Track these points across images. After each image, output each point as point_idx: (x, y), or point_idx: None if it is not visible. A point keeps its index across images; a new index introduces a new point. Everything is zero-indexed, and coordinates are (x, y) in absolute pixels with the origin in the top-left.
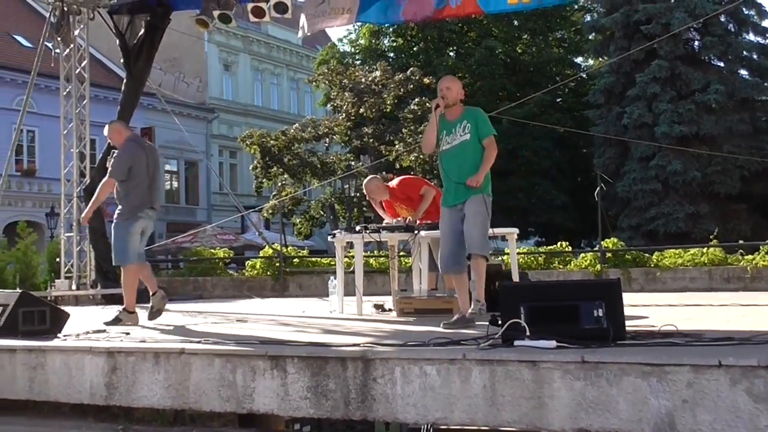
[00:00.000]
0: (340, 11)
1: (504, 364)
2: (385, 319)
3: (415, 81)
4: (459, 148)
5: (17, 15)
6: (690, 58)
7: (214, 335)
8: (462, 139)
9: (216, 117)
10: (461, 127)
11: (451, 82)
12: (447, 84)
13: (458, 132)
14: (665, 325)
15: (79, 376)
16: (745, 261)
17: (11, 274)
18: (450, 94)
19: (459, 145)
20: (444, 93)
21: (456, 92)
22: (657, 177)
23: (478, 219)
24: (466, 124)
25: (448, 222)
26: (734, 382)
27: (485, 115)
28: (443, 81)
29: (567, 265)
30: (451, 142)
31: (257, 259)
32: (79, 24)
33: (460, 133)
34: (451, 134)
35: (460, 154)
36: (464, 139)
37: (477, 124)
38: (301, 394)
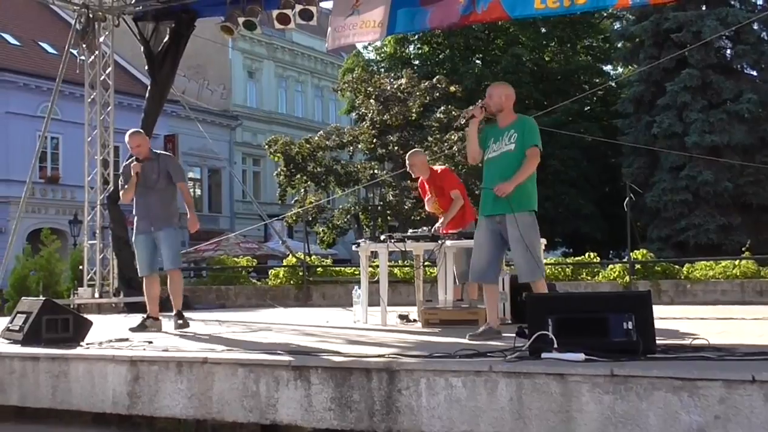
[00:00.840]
0: (371, 24)
1: (531, 377)
2: (410, 329)
3: (441, 89)
4: (502, 157)
5: (42, 22)
6: (722, 67)
7: (237, 344)
8: (506, 148)
9: (240, 124)
10: (508, 136)
11: (495, 88)
12: (488, 91)
13: (504, 141)
14: (696, 338)
15: (102, 384)
16: None
17: (35, 282)
18: (490, 101)
19: (503, 154)
20: (486, 101)
21: (498, 98)
22: (687, 187)
23: (519, 247)
24: (513, 134)
25: (484, 231)
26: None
27: (535, 125)
28: (489, 88)
29: (595, 277)
30: (497, 151)
31: (280, 267)
32: (104, 31)
33: (506, 143)
34: (498, 142)
35: (503, 164)
36: (508, 149)
37: (523, 134)
38: (325, 405)
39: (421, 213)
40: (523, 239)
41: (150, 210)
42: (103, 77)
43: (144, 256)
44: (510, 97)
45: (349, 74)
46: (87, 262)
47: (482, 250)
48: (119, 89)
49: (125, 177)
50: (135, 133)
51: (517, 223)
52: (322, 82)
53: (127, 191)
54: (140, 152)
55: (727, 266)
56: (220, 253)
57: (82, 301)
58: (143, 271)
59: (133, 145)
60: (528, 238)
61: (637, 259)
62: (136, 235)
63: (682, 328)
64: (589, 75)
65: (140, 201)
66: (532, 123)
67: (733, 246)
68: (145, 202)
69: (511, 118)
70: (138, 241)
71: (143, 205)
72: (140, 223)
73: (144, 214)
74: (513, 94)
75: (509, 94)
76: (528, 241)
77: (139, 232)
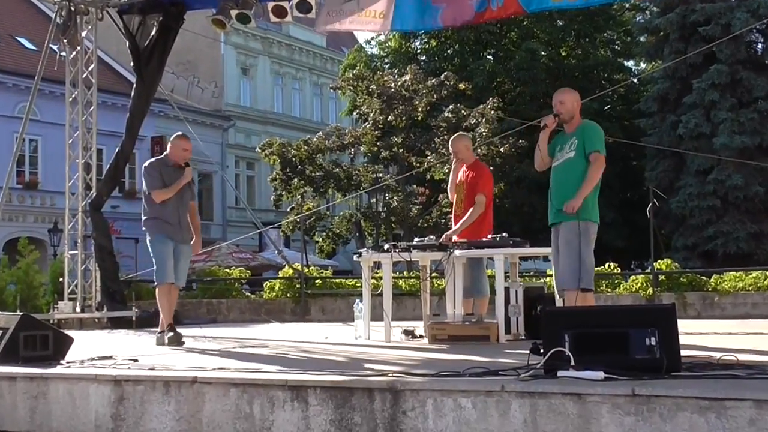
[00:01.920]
0: (371, 14)
1: (546, 397)
2: (416, 346)
3: (449, 86)
4: (564, 166)
5: (20, 15)
6: (752, 63)
7: (230, 362)
8: (567, 156)
9: (232, 125)
10: (570, 143)
11: (564, 94)
12: (560, 98)
13: (567, 148)
14: (725, 355)
15: (84, 406)
16: None
17: (11, 295)
18: (563, 108)
19: (564, 162)
20: (558, 108)
21: (571, 105)
22: (715, 192)
23: (565, 251)
24: (574, 141)
25: (553, 241)
26: None
27: (598, 130)
28: (557, 95)
29: (616, 289)
30: (560, 159)
31: (276, 279)
32: (87, 25)
33: (567, 150)
34: (562, 150)
35: (564, 173)
36: (569, 156)
37: (583, 140)
38: (324, 428)
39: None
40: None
41: (181, 219)
42: (86, 75)
43: (172, 263)
44: (579, 103)
45: (350, 71)
46: (68, 274)
47: (555, 262)
48: (103, 87)
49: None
50: (186, 136)
51: (568, 229)
52: (321, 79)
53: (167, 192)
54: (188, 157)
55: (758, 277)
56: (211, 264)
57: (62, 315)
58: (170, 278)
59: (187, 148)
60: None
61: (661, 270)
62: (166, 239)
63: (709, 343)
64: (609, 71)
65: (172, 207)
66: (593, 127)
67: (765, 255)
68: (176, 210)
69: (577, 123)
70: (168, 246)
71: (175, 212)
72: (170, 229)
73: (176, 221)
74: (580, 100)
75: (579, 101)
76: (573, 249)
77: (168, 237)
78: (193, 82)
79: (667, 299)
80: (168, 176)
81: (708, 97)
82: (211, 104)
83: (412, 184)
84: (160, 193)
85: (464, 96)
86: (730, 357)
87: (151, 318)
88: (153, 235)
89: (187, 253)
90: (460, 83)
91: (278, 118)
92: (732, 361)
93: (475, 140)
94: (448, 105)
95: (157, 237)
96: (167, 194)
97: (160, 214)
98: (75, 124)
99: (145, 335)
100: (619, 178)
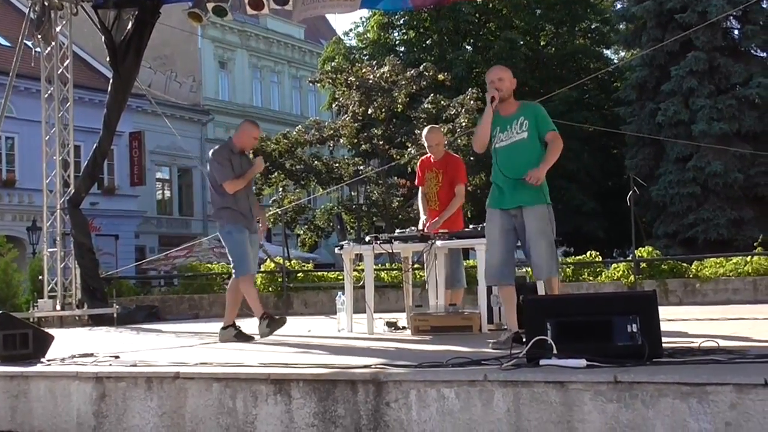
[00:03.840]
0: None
1: (529, 386)
2: (399, 338)
3: (428, 77)
4: (515, 147)
5: None
6: (729, 49)
7: (212, 357)
8: (519, 137)
9: (211, 119)
10: (518, 124)
11: (503, 71)
12: (499, 74)
13: (514, 129)
14: (706, 340)
15: (66, 404)
16: None
17: None
18: (504, 85)
19: (515, 144)
20: (497, 84)
21: (509, 83)
22: (695, 179)
23: (543, 241)
24: (523, 121)
25: (499, 227)
26: None
27: (545, 111)
28: (493, 71)
29: (598, 277)
30: (506, 141)
31: (258, 273)
32: (62, 20)
33: (517, 131)
34: (505, 132)
35: (518, 155)
36: (521, 137)
37: (537, 121)
38: (308, 421)
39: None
40: (544, 234)
41: (251, 210)
42: (61, 70)
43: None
44: (514, 82)
45: (328, 63)
46: (47, 272)
47: (497, 247)
48: (79, 83)
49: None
50: (256, 124)
51: (539, 216)
52: (300, 72)
53: (240, 183)
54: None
55: (739, 263)
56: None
57: (42, 314)
58: (253, 268)
59: (257, 136)
60: (549, 234)
61: (642, 258)
62: (243, 230)
63: (691, 329)
64: (587, 60)
65: (243, 197)
66: (542, 108)
67: (745, 241)
68: (246, 199)
69: (516, 105)
70: (245, 237)
71: (246, 202)
72: (244, 219)
73: (248, 210)
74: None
75: (513, 80)
76: (548, 237)
77: (245, 228)
78: (171, 77)
79: (648, 286)
80: (237, 165)
81: (686, 85)
82: (189, 99)
83: (393, 176)
84: (233, 184)
85: (444, 87)
86: (711, 342)
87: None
88: (229, 227)
89: (256, 242)
90: (439, 74)
91: (257, 112)
92: (713, 347)
93: (455, 131)
94: (427, 96)
95: (234, 228)
96: (240, 184)
97: (233, 204)
98: (51, 121)
99: (126, 332)
100: (599, 167)
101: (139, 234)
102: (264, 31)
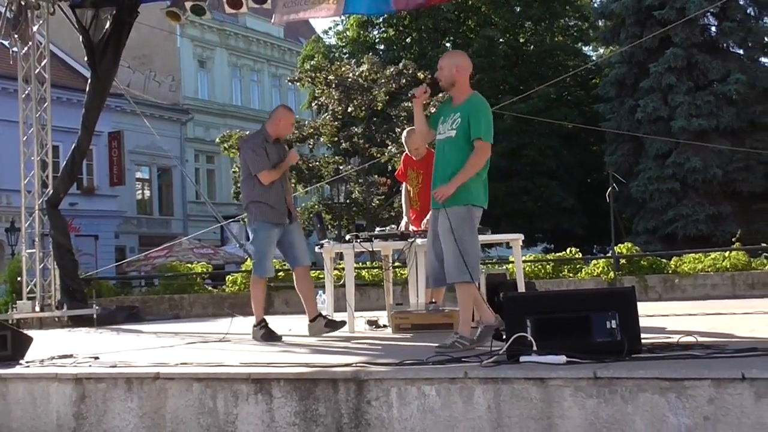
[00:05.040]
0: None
1: (509, 383)
2: (380, 336)
3: (408, 75)
4: (442, 145)
5: None
6: (707, 46)
7: (193, 357)
8: (447, 134)
9: (191, 119)
10: (453, 118)
11: (444, 58)
12: (439, 63)
13: (449, 123)
14: (684, 336)
15: (45, 405)
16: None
17: None
18: (441, 75)
19: (443, 141)
20: (437, 73)
21: (449, 71)
22: (674, 175)
23: (448, 241)
24: (457, 117)
25: (432, 230)
26: (759, 396)
27: (485, 112)
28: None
29: (577, 274)
30: (443, 133)
31: (238, 273)
32: (38, 19)
33: (450, 126)
34: (445, 123)
35: (443, 152)
36: (449, 135)
37: (468, 119)
38: (289, 420)
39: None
40: (448, 233)
41: (284, 201)
42: (39, 70)
43: (272, 254)
44: (463, 68)
45: (308, 62)
46: (26, 273)
47: (429, 249)
48: (57, 83)
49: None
50: (291, 110)
51: (446, 216)
52: (279, 70)
53: (275, 174)
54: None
55: (717, 258)
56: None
57: (21, 315)
58: (269, 272)
59: (294, 121)
60: (458, 233)
61: (621, 254)
62: (270, 227)
63: (670, 325)
64: (567, 57)
65: (276, 188)
66: (480, 105)
67: (724, 237)
68: (280, 191)
69: (464, 96)
70: (272, 235)
71: (279, 193)
72: (274, 214)
73: (280, 203)
74: (468, 65)
75: (461, 66)
76: (458, 236)
77: (272, 224)
78: (150, 76)
79: (628, 283)
80: (272, 154)
81: (665, 81)
82: (169, 98)
83: (374, 175)
84: (268, 175)
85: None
86: (690, 338)
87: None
88: (255, 224)
89: (297, 230)
90: (418, 72)
91: (237, 111)
92: (691, 342)
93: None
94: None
95: (261, 225)
96: (276, 176)
97: (262, 196)
98: (29, 121)
99: (106, 333)
100: (579, 164)
101: (119, 234)
102: (243, 29)
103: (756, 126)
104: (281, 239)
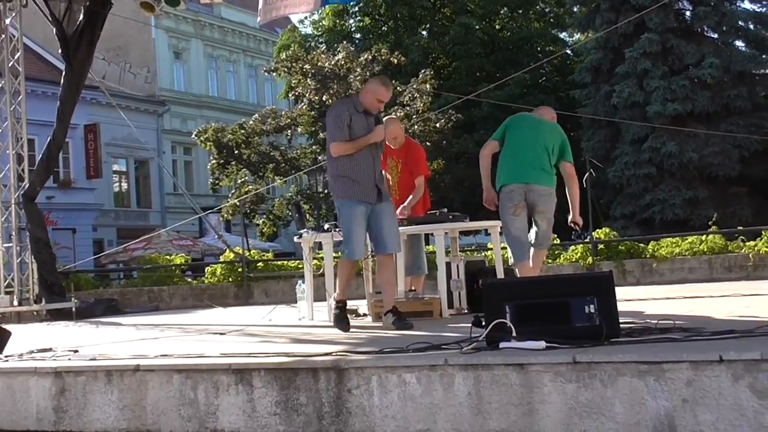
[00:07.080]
0: None
1: (489, 369)
2: (359, 324)
3: (382, 60)
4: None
5: None
6: (682, 30)
7: (173, 349)
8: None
9: (167, 110)
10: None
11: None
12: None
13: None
14: (662, 319)
15: (24, 400)
16: (746, 248)
17: None
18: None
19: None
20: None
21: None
22: (651, 160)
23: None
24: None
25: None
26: (736, 378)
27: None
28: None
29: (556, 259)
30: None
31: (217, 264)
32: (11, 11)
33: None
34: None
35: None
36: None
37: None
38: (270, 410)
39: None
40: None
41: (376, 176)
42: (12, 63)
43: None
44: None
45: (284, 52)
46: (3, 268)
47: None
48: (31, 76)
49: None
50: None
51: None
52: (255, 60)
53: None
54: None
55: (694, 242)
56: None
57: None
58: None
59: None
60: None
61: (599, 239)
62: (356, 204)
63: (648, 309)
64: (543, 43)
65: (363, 160)
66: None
67: (700, 221)
68: (369, 164)
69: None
70: (359, 213)
71: (368, 166)
72: (360, 190)
73: (369, 179)
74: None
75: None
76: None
77: (358, 201)
78: (125, 68)
79: (606, 267)
80: (357, 124)
81: (640, 66)
82: (144, 90)
83: None
84: (340, 147)
85: (400, 72)
86: (668, 321)
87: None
88: (339, 201)
89: (389, 211)
90: (392, 57)
91: (214, 102)
92: (669, 326)
93: (411, 116)
94: None
95: (343, 203)
96: (349, 149)
97: (349, 170)
98: (4, 115)
99: (85, 326)
100: None
101: (97, 227)
102: (218, 20)
103: (730, 110)
104: (369, 220)
